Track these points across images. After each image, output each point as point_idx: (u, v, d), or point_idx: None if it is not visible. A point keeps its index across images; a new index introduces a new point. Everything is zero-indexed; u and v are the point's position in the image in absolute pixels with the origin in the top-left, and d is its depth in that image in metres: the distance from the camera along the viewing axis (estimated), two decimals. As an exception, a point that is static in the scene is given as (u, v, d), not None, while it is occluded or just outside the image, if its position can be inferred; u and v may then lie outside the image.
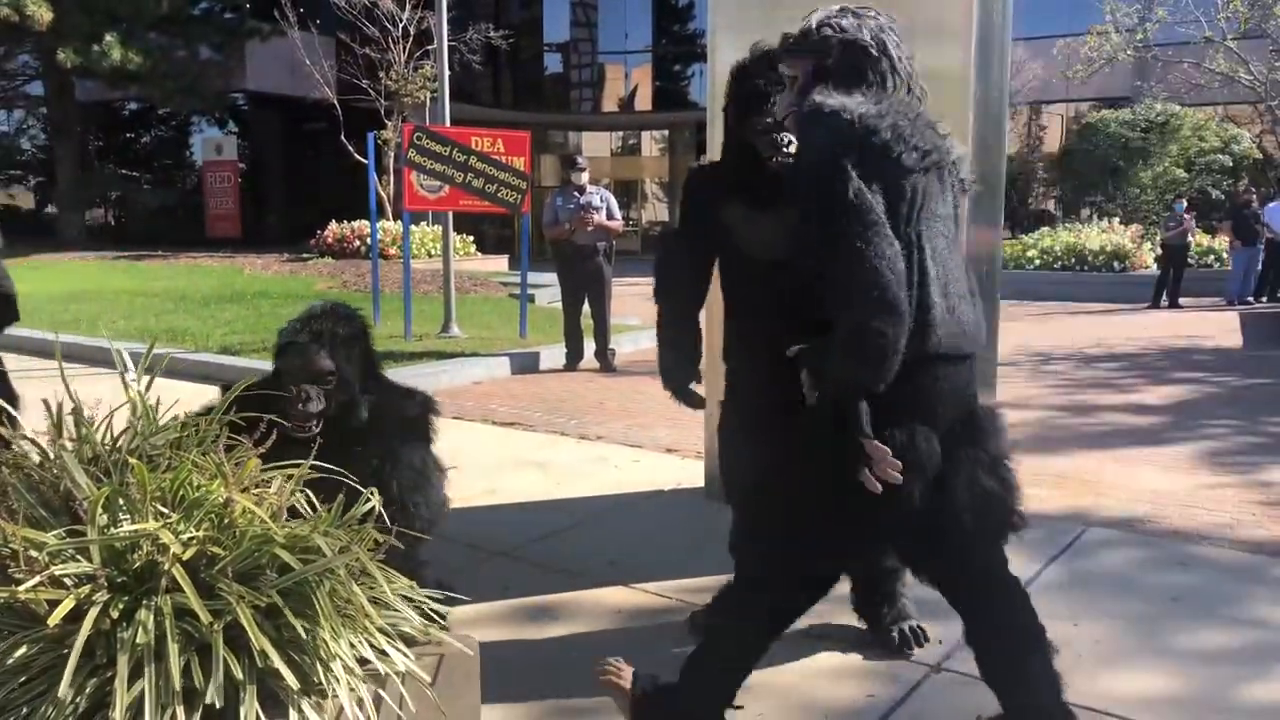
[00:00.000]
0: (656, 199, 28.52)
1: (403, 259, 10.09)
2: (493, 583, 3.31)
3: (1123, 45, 19.96)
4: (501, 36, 19.39)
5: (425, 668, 1.71)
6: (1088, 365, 8.64)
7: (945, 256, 2.01)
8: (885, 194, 1.88)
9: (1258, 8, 18.47)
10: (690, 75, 27.32)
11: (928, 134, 1.99)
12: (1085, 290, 14.89)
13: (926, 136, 1.97)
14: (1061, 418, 6.34)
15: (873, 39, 2.05)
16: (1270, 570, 3.51)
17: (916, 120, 1.98)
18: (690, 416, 3.98)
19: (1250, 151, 20.76)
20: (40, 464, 1.68)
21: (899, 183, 1.91)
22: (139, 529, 1.54)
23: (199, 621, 1.44)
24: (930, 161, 1.95)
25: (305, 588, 1.56)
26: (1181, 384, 7.61)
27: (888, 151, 1.88)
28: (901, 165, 1.90)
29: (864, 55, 2.04)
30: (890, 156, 1.89)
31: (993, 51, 3.62)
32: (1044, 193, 24.70)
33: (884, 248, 1.80)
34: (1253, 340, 10.33)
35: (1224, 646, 2.88)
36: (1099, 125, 20.67)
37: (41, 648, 1.43)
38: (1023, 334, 10.47)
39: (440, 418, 2.93)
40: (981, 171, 3.60)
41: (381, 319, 9.76)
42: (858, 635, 2.91)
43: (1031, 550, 3.65)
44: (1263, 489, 4.63)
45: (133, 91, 21.00)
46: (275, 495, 1.70)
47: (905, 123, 1.93)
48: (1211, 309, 13.49)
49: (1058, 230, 17.29)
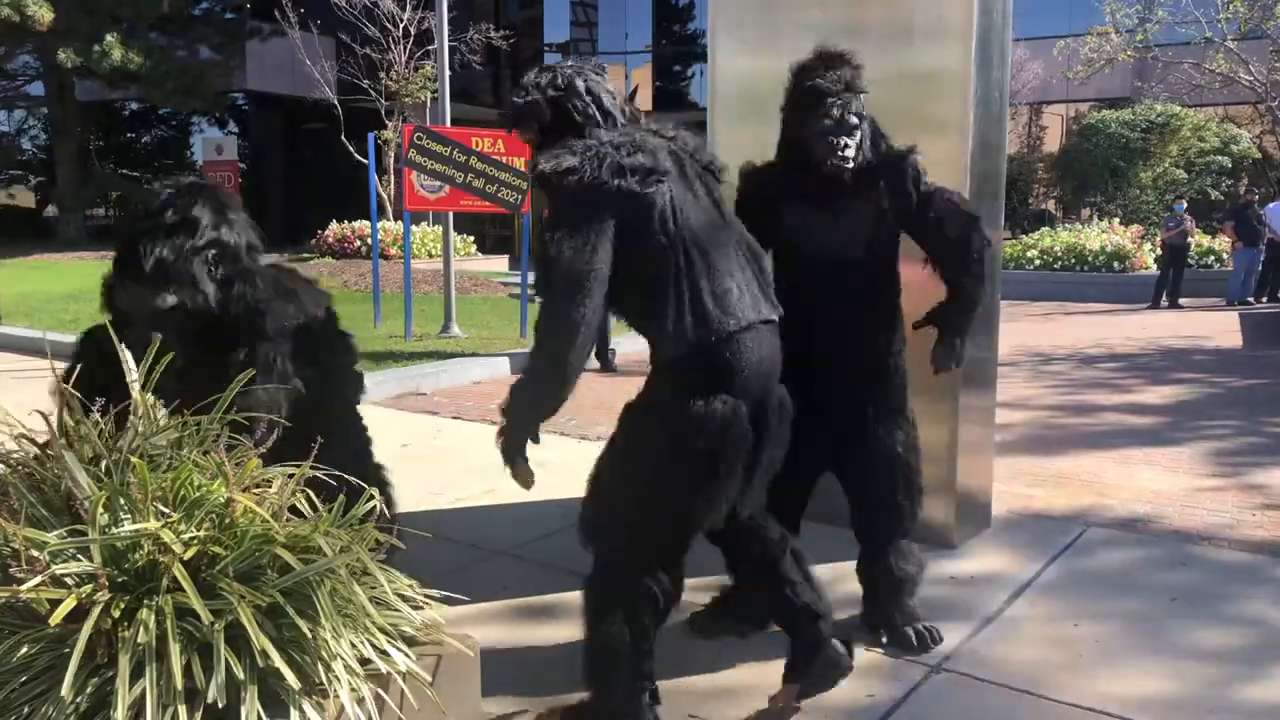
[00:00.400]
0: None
1: (403, 259, 10.10)
2: (493, 582, 3.31)
3: (1123, 46, 19.95)
4: (502, 36, 19.38)
5: (426, 667, 1.71)
6: (1088, 365, 8.64)
7: (709, 248, 2.20)
8: (630, 218, 2.10)
9: (1258, 8, 18.45)
10: (690, 75, 27.32)
11: (647, 150, 2.17)
12: (1085, 291, 14.87)
13: (646, 154, 2.16)
14: (1062, 418, 6.33)
15: (569, 86, 2.27)
16: (1270, 570, 3.51)
17: (631, 143, 2.16)
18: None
19: (1250, 152, 20.75)
20: (41, 464, 1.68)
21: (637, 204, 2.11)
22: (140, 529, 1.54)
23: (200, 621, 1.44)
24: (656, 176, 2.13)
25: (306, 587, 1.56)
26: (1182, 384, 7.61)
27: (609, 188, 2.09)
28: (624, 193, 2.10)
29: (569, 103, 2.26)
30: (613, 190, 2.09)
31: (993, 51, 3.62)
32: (1044, 193, 24.69)
33: (578, 310, 2.05)
34: (1253, 341, 10.33)
35: (1224, 646, 2.88)
36: (1099, 125, 20.65)
37: (43, 647, 1.43)
38: (1023, 334, 10.47)
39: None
40: (982, 171, 3.60)
41: (382, 319, 9.76)
42: (859, 635, 2.91)
43: (1033, 550, 3.66)
44: (1263, 489, 4.62)
45: (133, 91, 20.98)
46: (276, 495, 1.70)
47: (617, 152, 2.12)
48: (1212, 309, 13.49)
49: (1058, 230, 17.27)
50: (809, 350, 2.72)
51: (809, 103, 2.67)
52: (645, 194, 2.12)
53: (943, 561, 3.49)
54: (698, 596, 3.20)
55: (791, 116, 2.75)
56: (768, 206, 2.77)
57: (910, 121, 3.54)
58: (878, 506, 2.87)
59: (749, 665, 2.77)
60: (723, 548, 2.60)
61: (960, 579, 3.38)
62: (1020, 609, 3.13)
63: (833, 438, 2.85)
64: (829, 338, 2.77)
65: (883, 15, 3.59)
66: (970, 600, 3.20)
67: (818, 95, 2.65)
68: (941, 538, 3.61)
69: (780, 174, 2.82)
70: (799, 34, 3.76)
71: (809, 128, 2.67)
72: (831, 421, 2.82)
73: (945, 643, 2.84)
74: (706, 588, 3.26)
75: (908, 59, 3.57)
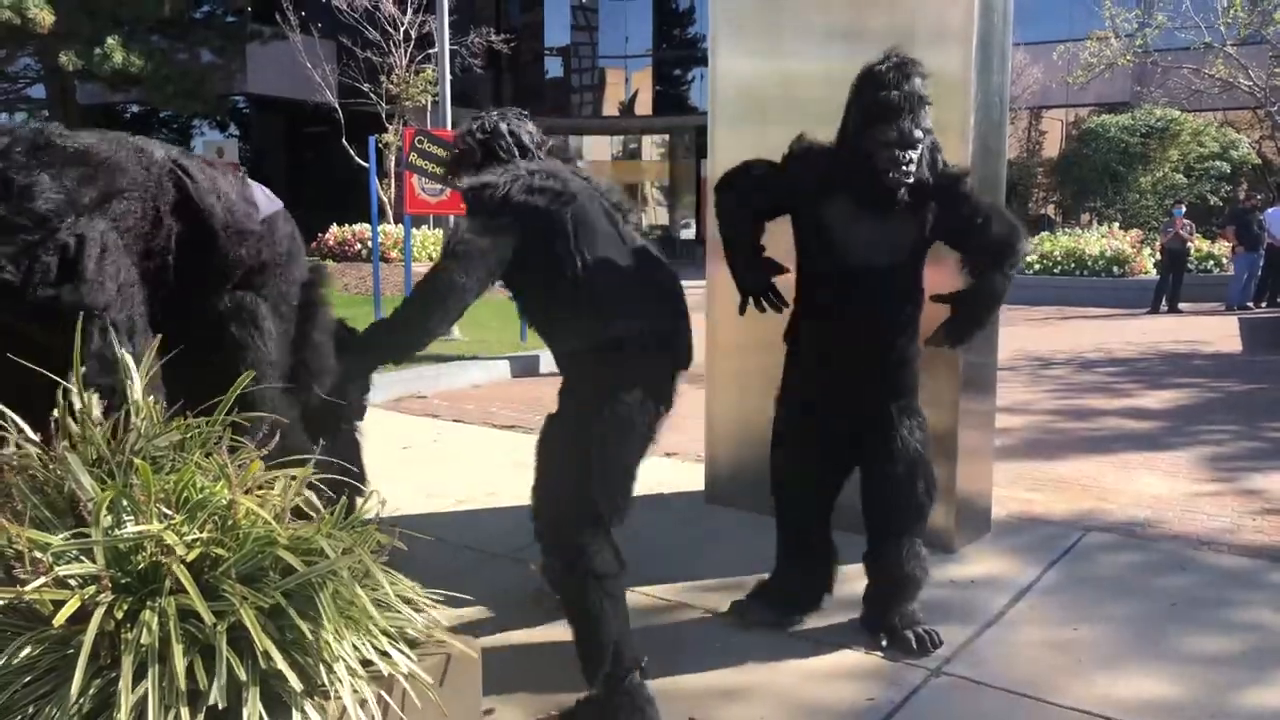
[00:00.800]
0: (657, 203, 28.54)
1: (404, 262, 10.10)
2: (494, 584, 3.31)
3: (1122, 50, 19.98)
4: (503, 40, 19.41)
5: (428, 669, 1.72)
6: (1087, 370, 8.64)
7: (613, 262, 2.53)
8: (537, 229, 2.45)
9: (1257, 13, 18.48)
10: (690, 80, 27.34)
11: (558, 178, 2.54)
12: (1085, 295, 14.88)
13: (556, 180, 2.52)
14: (1061, 422, 6.34)
15: (494, 129, 2.73)
16: (1270, 575, 3.52)
17: (544, 172, 2.54)
18: (691, 421, 3.99)
19: (1249, 157, 20.77)
20: (45, 465, 1.69)
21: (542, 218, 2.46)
22: (143, 530, 1.55)
23: (203, 623, 1.45)
24: (564, 199, 2.50)
25: (309, 589, 1.56)
26: (1181, 389, 7.61)
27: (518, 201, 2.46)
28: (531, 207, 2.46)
29: (494, 143, 2.71)
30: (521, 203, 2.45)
31: (993, 56, 3.63)
32: (1044, 197, 24.71)
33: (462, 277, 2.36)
34: (1252, 346, 10.34)
35: (1223, 651, 2.89)
36: (1099, 130, 20.67)
37: (46, 648, 1.43)
38: (1023, 338, 10.48)
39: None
40: (982, 175, 3.61)
41: (382, 322, 9.75)
42: (857, 638, 2.92)
43: (1033, 554, 3.66)
44: (1262, 494, 4.63)
45: (134, 95, 20.97)
46: (279, 497, 1.71)
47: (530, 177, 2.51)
48: (1211, 314, 13.50)
49: (1058, 235, 17.28)
50: (828, 345, 2.86)
51: (878, 113, 2.66)
52: (552, 211, 2.47)
53: (943, 565, 3.50)
54: (698, 598, 3.21)
55: (857, 119, 2.73)
56: (812, 192, 2.80)
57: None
58: (896, 500, 2.89)
59: (750, 666, 2.78)
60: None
61: (960, 583, 3.38)
62: (1020, 613, 3.14)
63: (853, 434, 2.93)
64: (852, 335, 2.83)
65: (884, 20, 3.60)
66: (970, 604, 3.20)
67: (888, 109, 2.64)
68: (941, 542, 3.62)
69: (834, 164, 2.80)
70: (800, 38, 3.78)
71: (874, 137, 2.67)
72: (853, 418, 2.90)
73: (945, 646, 2.84)
74: (707, 589, 3.27)
75: (908, 64, 3.58)
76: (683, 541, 3.81)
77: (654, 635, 2.97)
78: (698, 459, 4.70)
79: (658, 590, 3.30)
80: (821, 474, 2.98)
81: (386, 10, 16.98)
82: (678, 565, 3.52)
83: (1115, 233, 16.81)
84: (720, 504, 4.15)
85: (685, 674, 2.73)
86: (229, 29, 21.09)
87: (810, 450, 2.95)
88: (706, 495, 4.27)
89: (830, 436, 2.93)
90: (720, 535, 3.84)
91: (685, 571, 3.46)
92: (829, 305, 2.85)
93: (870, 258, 2.78)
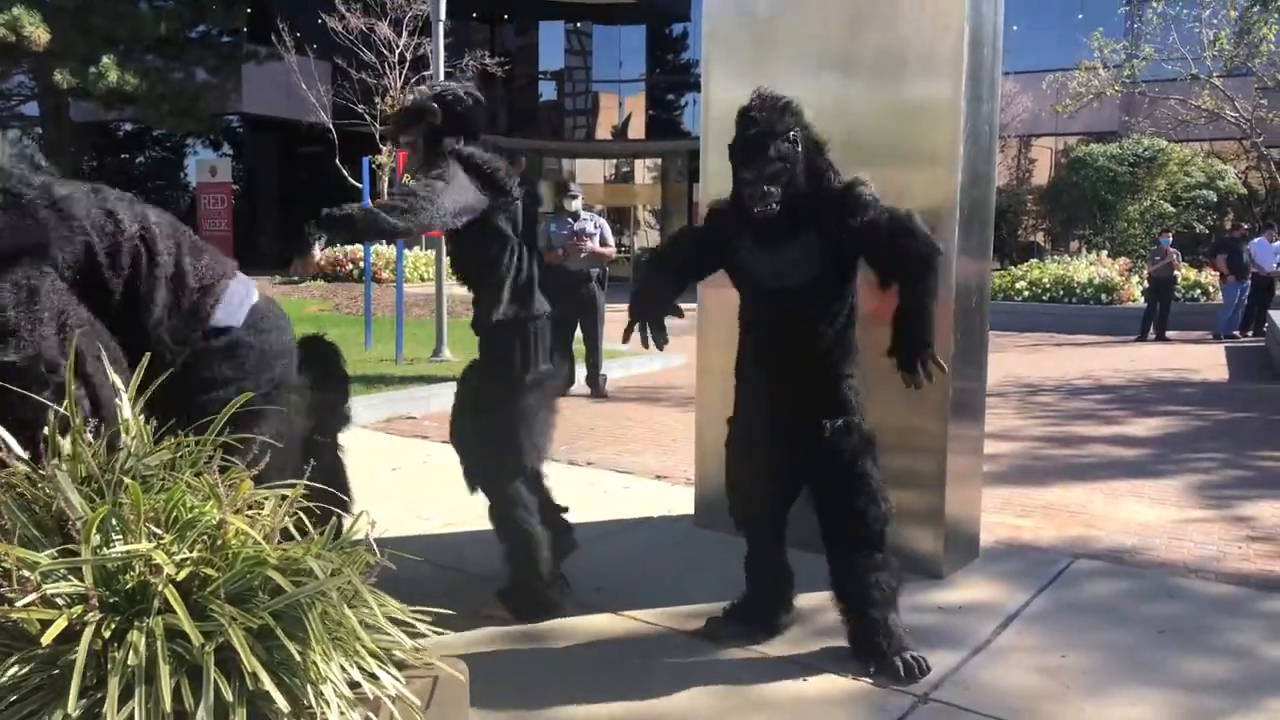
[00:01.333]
0: (649, 226, 28.64)
1: (396, 283, 10.11)
2: (480, 607, 3.30)
3: (1110, 81, 20.22)
4: (497, 64, 19.54)
5: (415, 691, 1.71)
6: (1075, 397, 8.68)
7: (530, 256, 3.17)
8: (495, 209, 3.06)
9: (1243, 46, 18.75)
10: (683, 104, 27.55)
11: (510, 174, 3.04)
12: (1073, 322, 14.97)
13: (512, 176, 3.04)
14: (1050, 449, 6.37)
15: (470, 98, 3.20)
16: (1256, 603, 3.53)
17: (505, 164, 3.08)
18: (682, 443, 4.00)
19: (1235, 187, 20.99)
20: (33, 483, 1.68)
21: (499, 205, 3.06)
22: (132, 550, 1.54)
23: (190, 643, 1.44)
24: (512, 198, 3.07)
25: (297, 610, 1.56)
26: (1169, 416, 7.65)
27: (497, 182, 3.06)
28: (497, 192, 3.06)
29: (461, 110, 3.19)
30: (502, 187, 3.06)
31: (983, 84, 3.67)
32: (1033, 225, 24.90)
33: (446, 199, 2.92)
34: (1239, 374, 10.41)
35: (1211, 678, 2.89)
36: (1087, 159, 20.88)
37: (34, 667, 1.43)
38: (1011, 365, 10.53)
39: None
40: (971, 202, 3.65)
41: (373, 342, 9.76)
42: (845, 664, 2.92)
43: (1020, 581, 3.67)
44: (1249, 522, 4.65)
45: (128, 113, 21.03)
46: (268, 517, 1.71)
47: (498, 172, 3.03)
48: (1199, 342, 13.59)
49: (1046, 262, 17.40)
50: (766, 370, 3.00)
51: (733, 153, 2.90)
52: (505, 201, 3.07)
53: (931, 591, 3.50)
54: (685, 623, 3.21)
55: (731, 160, 2.93)
56: (721, 242, 3.06)
57: (901, 153, 3.60)
58: (841, 516, 2.92)
59: (737, 691, 2.77)
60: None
61: (948, 609, 3.38)
62: (1008, 639, 3.14)
63: (795, 454, 2.98)
64: (781, 358, 2.97)
65: (875, 48, 3.64)
66: (958, 630, 3.20)
67: (739, 147, 2.87)
68: (929, 567, 3.63)
69: (731, 212, 3.03)
70: (791, 64, 3.82)
71: (737, 177, 2.89)
72: (790, 439, 2.97)
73: (933, 672, 2.84)
74: (695, 614, 3.27)
75: (899, 91, 3.62)
76: (671, 565, 3.81)
77: (639, 660, 2.96)
78: (688, 482, 4.71)
79: (645, 614, 3.30)
80: (769, 495, 3.06)
81: (382, 33, 17.09)
82: (665, 589, 3.51)
83: (1104, 260, 16.94)
84: (710, 528, 4.15)
85: (670, 699, 2.72)
86: (224, 49, 21.18)
87: (756, 472, 3.04)
88: (696, 519, 4.27)
89: (772, 458, 3.01)
90: (708, 559, 3.83)
91: (672, 596, 3.45)
92: (754, 324, 3.04)
93: (778, 281, 2.92)
